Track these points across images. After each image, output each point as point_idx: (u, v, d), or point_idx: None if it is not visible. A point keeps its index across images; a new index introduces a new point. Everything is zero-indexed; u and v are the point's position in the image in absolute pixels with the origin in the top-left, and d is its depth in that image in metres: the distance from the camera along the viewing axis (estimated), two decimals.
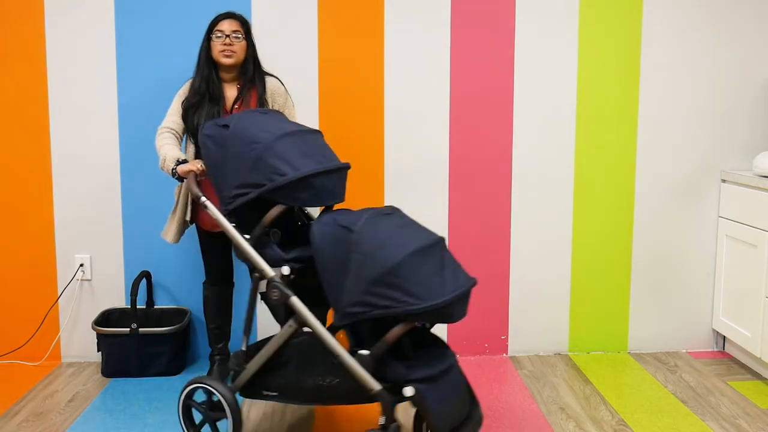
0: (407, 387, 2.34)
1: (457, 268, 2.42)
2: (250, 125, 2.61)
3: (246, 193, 2.54)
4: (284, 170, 2.50)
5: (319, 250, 2.46)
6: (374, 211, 2.53)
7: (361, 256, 2.37)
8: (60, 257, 3.56)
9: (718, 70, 3.64)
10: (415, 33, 3.54)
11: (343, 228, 2.46)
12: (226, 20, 3.07)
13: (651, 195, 3.68)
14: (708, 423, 2.97)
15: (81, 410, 3.07)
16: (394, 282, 2.31)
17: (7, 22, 3.43)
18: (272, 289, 2.54)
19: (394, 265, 2.32)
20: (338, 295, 2.42)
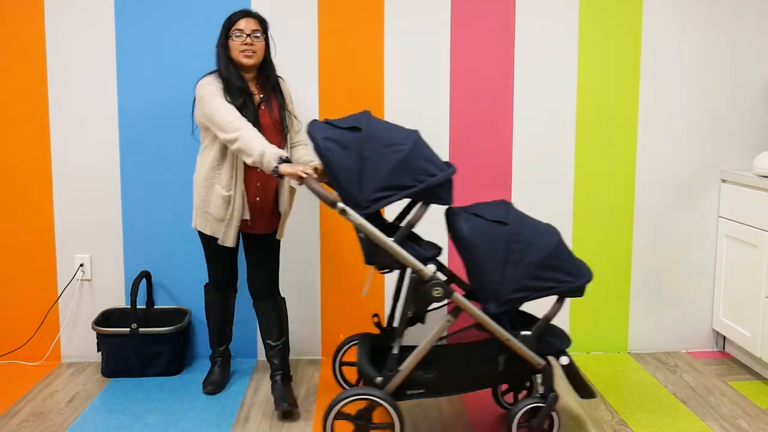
0: (563, 357, 2.70)
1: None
2: (382, 128, 2.65)
3: (389, 195, 2.56)
4: (433, 171, 2.58)
5: (473, 245, 2.61)
6: (503, 203, 2.77)
7: (522, 245, 2.62)
8: (60, 257, 3.56)
9: (718, 70, 3.64)
10: (415, 33, 3.54)
11: (494, 222, 2.65)
12: (245, 19, 2.98)
13: (651, 195, 3.68)
14: (708, 423, 2.97)
15: (81, 410, 3.07)
16: (555, 264, 2.63)
17: (7, 22, 3.43)
18: (435, 288, 2.60)
19: (554, 249, 2.63)
20: (495, 284, 2.61)
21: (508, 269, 2.61)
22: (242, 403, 3.14)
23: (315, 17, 3.50)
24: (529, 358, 2.68)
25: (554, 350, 2.72)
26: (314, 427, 2.94)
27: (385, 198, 2.55)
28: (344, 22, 3.51)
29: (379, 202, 2.56)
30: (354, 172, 2.55)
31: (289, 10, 3.50)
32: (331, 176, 2.60)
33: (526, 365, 2.70)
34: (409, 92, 3.55)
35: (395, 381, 2.63)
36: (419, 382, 2.67)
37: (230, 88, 2.93)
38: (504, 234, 2.62)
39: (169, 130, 3.50)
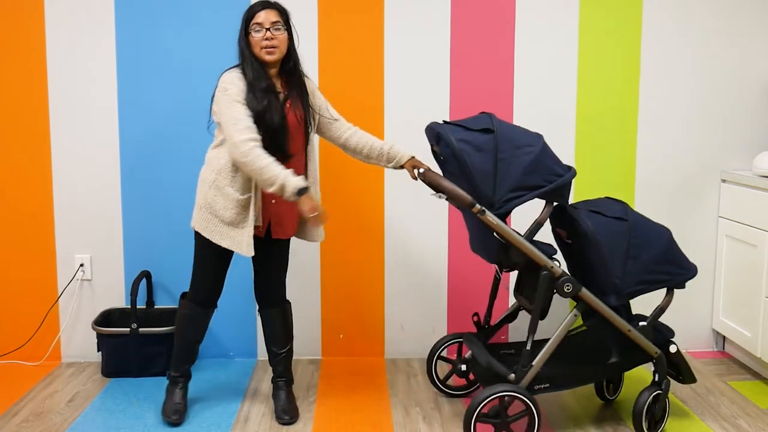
0: (672, 345, 2.90)
1: None
2: (510, 129, 2.72)
3: (521, 195, 2.64)
4: (560, 171, 2.70)
5: (598, 241, 2.70)
6: (613, 201, 2.90)
7: (641, 240, 2.74)
8: (60, 257, 3.56)
9: (719, 70, 3.64)
10: (415, 33, 3.54)
11: (614, 219, 2.74)
12: (264, 11, 2.77)
13: (651, 195, 3.68)
14: (708, 423, 2.97)
15: (81, 410, 3.07)
16: (671, 258, 2.80)
17: (7, 22, 3.43)
18: (566, 284, 2.70)
19: (669, 243, 2.81)
20: (617, 278, 2.72)
21: (628, 264, 2.73)
22: (242, 403, 3.14)
23: (315, 17, 3.50)
24: (647, 347, 2.83)
25: (665, 339, 2.90)
26: (314, 427, 2.94)
27: (518, 198, 2.64)
28: (344, 22, 3.51)
29: (512, 202, 2.65)
30: (489, 174, 2.62)
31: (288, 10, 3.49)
32: (464, 177, 2.64)
33: (639, 355, 2.86)
34: (409, 92, 3.55)
35: (529, 376, 2.70)
36: (545, 377, 2.74)
37: (254, 89, 2.73)
38: (624, 230, 2.73)
39: (169, 129, 3.50)
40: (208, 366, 3.53)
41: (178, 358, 3.03)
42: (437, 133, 2.69)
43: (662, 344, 2.89)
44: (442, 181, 2.67)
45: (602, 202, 2.90)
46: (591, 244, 2.72)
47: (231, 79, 2.76)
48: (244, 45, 2.80)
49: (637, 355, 2.87)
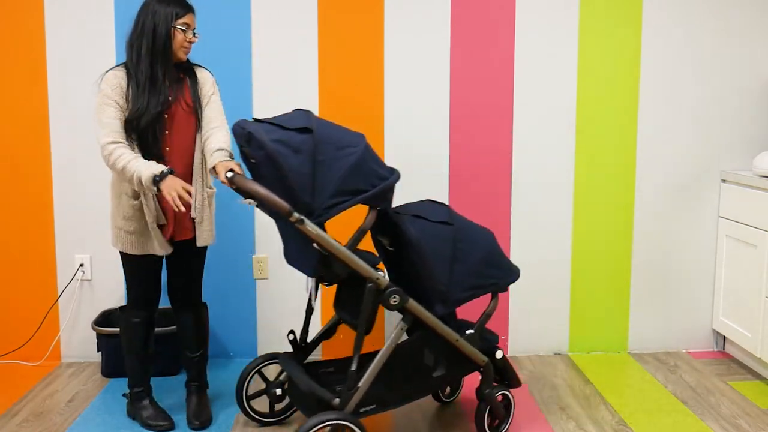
0: (498, 351, 2.77)
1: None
2: (332, 128, 2.50)
3: (344, 200, 2.43)
4: (385, 174, 2.51)
5: (422, 248, 2.53)
6: (436, 204, 2.75)
7: (467, 243, 2.62)
8: (60, 257, 3.56)
9: (719, 70, 3.64)
10: (415, 33, 3.54)
11: (438, 223, 2.59)
12: (191, 14, 2.78)
13: (651, 195, 3.68)
14: (708, 423, 2.97)
15: (81, 410, 3.07)
16: (495, 261, 2.68)
17: (7, 22, 3.43)
18: (392, 296, 2.52)
19: (492, 246, 2.68)
20: (443, 285, 2.58)
21: (455, 269, 2.60)
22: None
23: (315, 17, 3.50)
24: (475, 356, 2.70)
25: (490, 346, 2.79)
26: None
27: (340, 204, 2.42)
28: (344, 22, 3.51)
29: (334, 209, 2.42)
30: (307, 178, 2.38)
31: (288, 10, 3.50)
32: (279, 182, 2.38)
33: (468, 365, 2.74)
34: (409, 92, 3.55)
35: (355, 399, 2.50)
36: (371, 398, 2.54)
37: (143, 85, 2.67)
38: (449, 234, 2.60)
39: None
40: (208, 366, 3.52)
41: (135, 374, 2.94)
42: (248, 133, 2.39)
43: (488, 351, 2.76)
44: (254, 186, 2.37)
45: (425, 205, 2.73)
46: (415, 251, 2.52)
47: (111, 79, 2.70)
48: (164, 38, 2.70)
49: (465, 366, 2.74)
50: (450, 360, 2.70)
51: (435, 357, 2.68)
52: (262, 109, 3.52)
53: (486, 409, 2.76)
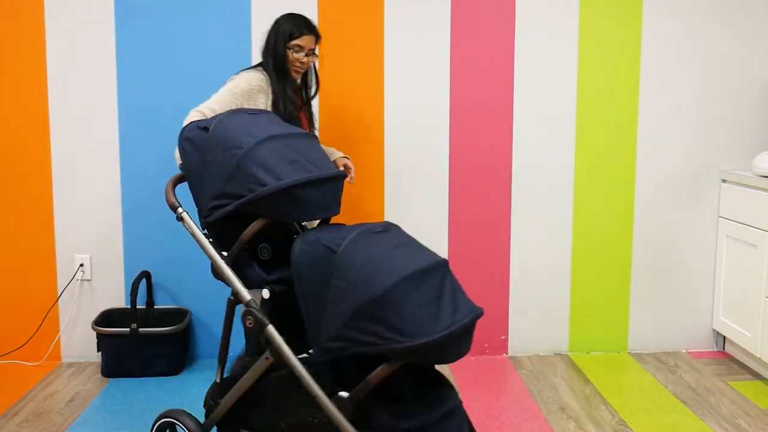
0: None
1: (458, 297, 2.08)
2: (232, 128, 2.34)
3: (224, 204, 2.28)
4: (265, 180, 2.21)
5: (298, 273, 2.15)
6: (364, 228, 2.19)
7: (343, 282, 2.06)
8: (60, 257, 3.56)
9: (719, 70, 3.64)
10: (415, 33, 3.54)
11: (325, 248, 2.14)
12: (308, 36, 2.97)
13: (651, 195, 3.68)
14: (708, 423, 2.97)
15: (81, 410, 3.07)
16: (378, 315, 1.99)
17: (7, 22, 3.43)
18: (246, 316, 2.26)
19: (380, 294, 1.99)
20: (317, 325, 2.13)
21: (327, 309, 2.10)
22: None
23: (315, 17, 3.50)
24: (341, 425, 2.11)
25: (380, 425, 2.10)
26: None
27: (221, 207, 2.30)
28: (344, 22, 3.51)
29: (216, 212, 2.31)
30: (198, 176, 2.35)
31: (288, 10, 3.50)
32: (186, 179, 2.42)
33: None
34: (409, 92, 3.55)
35: (216, 413, 2.37)
36: (251, 422, 2.34)
37: (289, 100, 2.94)
38: (329, 265, 2.11)
39: (169, 129, 3.50)
40: (208, 366, 3.53)
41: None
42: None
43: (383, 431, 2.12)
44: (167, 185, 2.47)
45: (344, 228, 2.26)
46: (293, 275, 2.17)
47: (248, 78, 2.91)
48: (283, 57, 2.95)
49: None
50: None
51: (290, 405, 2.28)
52: None
53: None
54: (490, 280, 3.66)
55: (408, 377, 2.26)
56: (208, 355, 3.61)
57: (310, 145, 2.40)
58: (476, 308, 2.06)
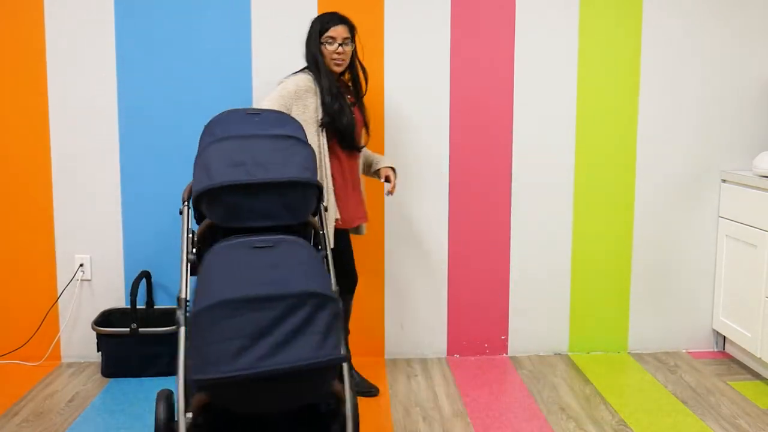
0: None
1: (299, 339, 1.85)
2: (213, 125, 2.40)
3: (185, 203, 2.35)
4: (201, 180, 2.17)
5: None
6: (243, 241, 2.07)
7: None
8: (60, 257, 3.56)
9: (719, 70, 3.64)
10: (415, 33, 3.53)
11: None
12: (339, 26, 3.02)
13: (651, 195, 3.68)
14: (708, 423, 2.97)
15: (81, 410, 3.07)
16: (192, 338, 1.86)
17: (7, 22, 3.43)
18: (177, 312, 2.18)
19: (193, 315, 1.86)
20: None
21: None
22: None
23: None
24: None
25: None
26: None
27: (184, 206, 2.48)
28: None
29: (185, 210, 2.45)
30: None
31: (288, 10, 3.50)
32: None
33: None
34: (409, 92, 3.55)
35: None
36: None
37: (330, 94, 2.98)
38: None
39: (169, 129, 3.50)
40: None
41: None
42: None
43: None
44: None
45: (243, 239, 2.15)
46: None
47: (297, 81, 2.99)
48: (317, 53, 3.03)
49: None
50: None
51: None
52: None
53: None
54: (490, 280, 3.66)
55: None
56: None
57: (278, 147, 2.30)
58: (313, 356, 1.82)
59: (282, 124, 2.49)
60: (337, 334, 1.88)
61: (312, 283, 1.92)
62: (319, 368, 1.80)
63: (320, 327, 1.86)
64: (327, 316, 1.88)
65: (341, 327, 1.94)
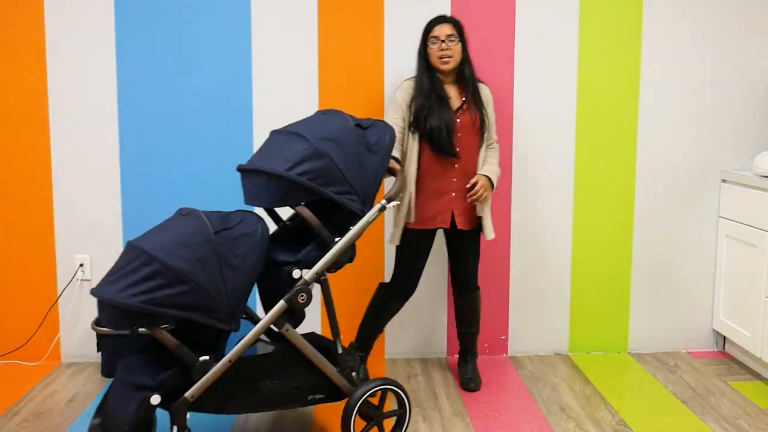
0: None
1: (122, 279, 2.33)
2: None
3: None
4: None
5: None
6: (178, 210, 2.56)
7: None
8: (60, 257, 3.56)
9: (719, 70, 3.64)
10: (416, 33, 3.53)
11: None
12: (440, 25, 3.11)
13: (651, 195, 3.68)
14: (708, 423, 2.97)
15: (81, 410, 3.07)
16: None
17: (7, 22, 3.43)
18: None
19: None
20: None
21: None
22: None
23: (315, 17, 3.50)
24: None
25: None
26: (314, 427, 2.94)
27: None
28: (344, 22, 3.51)
29: None
30: None
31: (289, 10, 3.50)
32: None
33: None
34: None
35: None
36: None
37: (422, 94, 3.10)
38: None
39: (169, 129, 3.50)
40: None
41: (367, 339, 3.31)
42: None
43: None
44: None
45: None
46: None
47: (403, 87, 3.18)
48: (422, 56, 3.15)
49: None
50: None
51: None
52: (262, 108, 3.52)
53: None
54: (490, 280, 3.66)
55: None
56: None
57: (284, 142, 2.62)
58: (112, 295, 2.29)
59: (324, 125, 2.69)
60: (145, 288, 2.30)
61: (164, 251, 2.33)
62: (112, 305, 2.30)
63: (135, 278, 2.30)
64: (147, 270, 2.31)
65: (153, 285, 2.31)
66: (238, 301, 2.43)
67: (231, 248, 2.43)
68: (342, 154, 2.57)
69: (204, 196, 3.53)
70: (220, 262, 2.38)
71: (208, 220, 2.44)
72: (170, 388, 2.40)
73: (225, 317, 2.40)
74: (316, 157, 2.53)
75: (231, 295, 2.40)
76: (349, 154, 2.59)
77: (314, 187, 2.51)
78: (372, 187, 2.66)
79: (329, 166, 2.54)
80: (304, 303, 2.55)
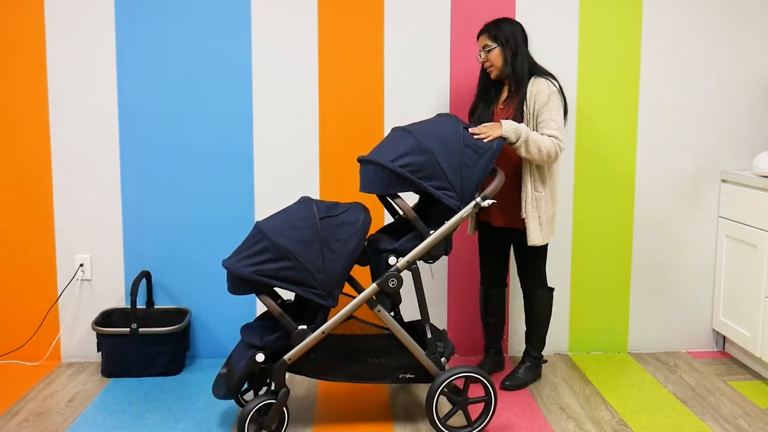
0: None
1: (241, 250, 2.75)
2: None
3: None
4: None
5: None
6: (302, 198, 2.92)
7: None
8: (60, 257, 3.56)
9: (719, 70, 3.64)
10: (416, 33, 3.53)
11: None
12: (480, 38, 3.19)
13: (651, 195, 3.68)
14: (708, 423, 2.97)
15: (81, 410, 3.07)
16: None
17: (7, 22, 3.43)
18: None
19: None
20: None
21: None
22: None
23: (315, 17, 3.50)
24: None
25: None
26: (314, 427, 2.94)
27: None
28: (344, 22, 3.51)
29: None
30: None
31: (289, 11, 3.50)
32: None
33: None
34: (409, 92, 3.55)
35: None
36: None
37: (476, 94, 3.27)
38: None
39: (169, 129, 3.51)
40: (208, 366, 3.53)
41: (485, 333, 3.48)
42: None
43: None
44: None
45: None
46: None
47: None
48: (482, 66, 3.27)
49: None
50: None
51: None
52: (262, 109, 3.52)
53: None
54: None
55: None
56: (208, 354, 3.61)
57: (396, 138, 2.87)
58: (237, 266, 2.70)
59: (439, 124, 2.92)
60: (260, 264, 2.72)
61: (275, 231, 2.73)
62: (231, 272, 2.73)
63: (250, 252, 2.73)
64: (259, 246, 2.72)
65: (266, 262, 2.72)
66: (336, 280, 2.73)
67: (333, 233, 2.75)
68: (445, 152, 2.77)
69: (204, 196, 3.53)
70: (322, 245, 2.72)
71: (316, 207, 2.79)
72: (274, 349, 2.74)
73: (323, 293, 2.72)
74: (419, 152, 2.76)
75: (329, 275, 2.72)
76: (452, 153, 2.78)
77: (413, 180, 2.74)
78: (472, 186, 2.81)
79: (431, 161, 2.75)
80: (394, 287, 2.78)
